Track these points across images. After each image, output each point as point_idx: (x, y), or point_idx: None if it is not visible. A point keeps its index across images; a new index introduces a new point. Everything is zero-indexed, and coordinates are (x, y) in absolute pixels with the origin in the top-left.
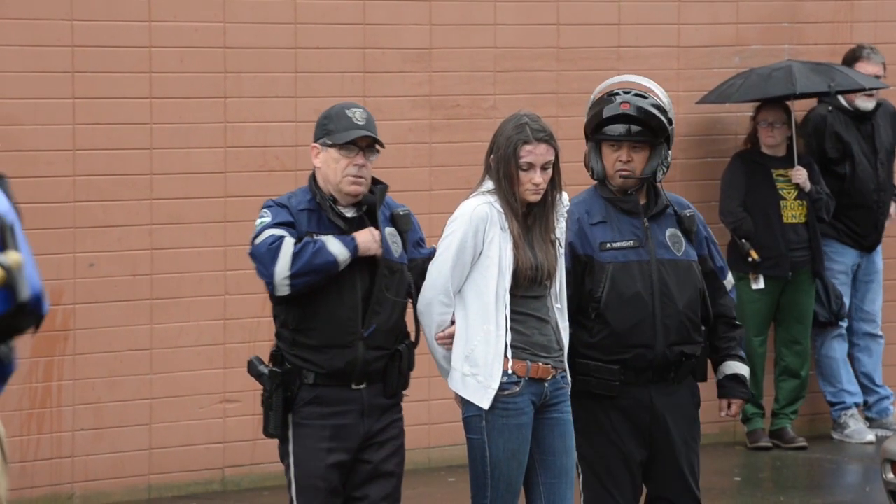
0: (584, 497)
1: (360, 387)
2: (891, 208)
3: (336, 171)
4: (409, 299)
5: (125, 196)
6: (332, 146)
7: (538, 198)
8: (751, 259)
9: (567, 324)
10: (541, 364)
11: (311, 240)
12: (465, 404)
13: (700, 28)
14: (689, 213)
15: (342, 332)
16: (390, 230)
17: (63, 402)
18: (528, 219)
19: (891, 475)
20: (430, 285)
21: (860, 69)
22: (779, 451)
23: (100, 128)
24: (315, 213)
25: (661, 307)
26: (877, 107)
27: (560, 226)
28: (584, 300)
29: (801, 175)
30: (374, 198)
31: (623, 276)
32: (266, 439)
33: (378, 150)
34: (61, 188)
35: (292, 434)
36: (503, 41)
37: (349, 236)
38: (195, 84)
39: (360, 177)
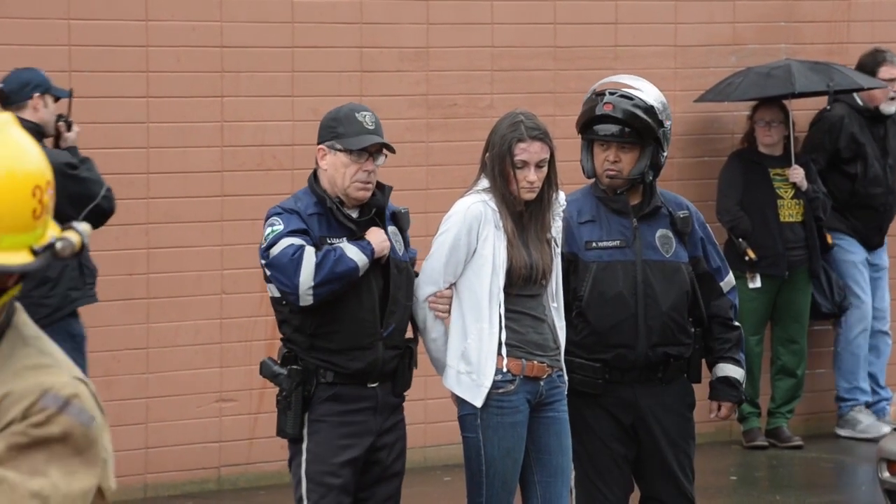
0: (575, 494)
1: (374, 385)
2: None
3: (345, 175)
4: None
5: (122, 195)
6: (341, 150)
7: (533, 196)
8: (748, 258)
9: (564, 322)
10: (536, 362)
11: (330, 248)
12: (460, 403)
13: (697, 27)
14: (684, 214)
15: (363, 333)
16: (392, 229)
17: None
18: (524, 217)
19: (887, 474)
20: (423, 282)
21: (884, 74)
22: (775, 450)
23: (97, 127)
24: (324, 217)
25: (644, 308)
26: None
27: (556, 225)
28: (569, 298)
29: (798, 174)
30: (381, 200)
31: (606, 275)
32: (262, 438)
33: (386, 155)
34: None
35: (307, 432)
36: (500, 40)
37: (363, 241)
38: (192, 83)
39: (368, 182)
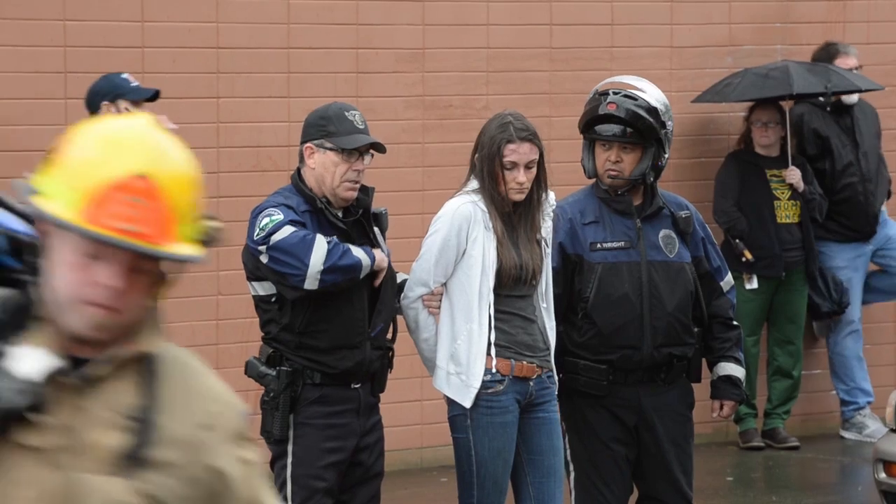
0: (574, 494)
1: (357, 386)
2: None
3: (335, 175)
4: None
5: None
6: (332, 149)
7: (522, 197)
8: (744, 259)
9: (554, 323)
10: (525, 363)
11: (336, 241)
12: (450, 403)
13: (692, 28)
14: (686, 214)
15: (352, 333)
16: (374, 229)
17: None
18: (514, 218)
19: (883, 475)
20: (413, 283)
21: (841, 65)
22: (771, 451)
23: None
24: (314, 216)
25: (649, 309)
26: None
27: (546, 225)
28: (574, 300)
29: (794, 175)
30: (368, 200)
31: (611, 276)
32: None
33: (372, 155)
34: None
35: (293, 434)
36: (496, 41)
37: (366, 247)
38: (188, 84)
39: (357, 182)
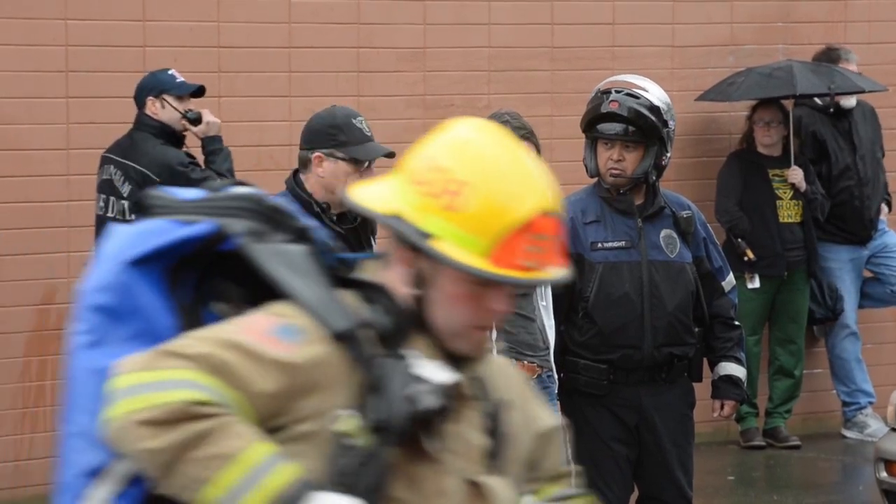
0: None
1: None
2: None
3: (346, 185)
4: None
5: None
6: (343, 159)
7: None
8: (746, 258)
9: (552, 322)
10: (526, 362)
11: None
12: None
13: (694, 28)
14: (687, 214)
15: None
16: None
17: (57, 401)
18: None
19: (884, 474)
20: None
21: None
22: (772, 450)
23: (94, 127)
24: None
25: (650, 308)
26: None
27: None
28: (575, 299)
29: (797, 175)
30: None
31: (612, 276)
32: None
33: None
34: (55, 187)
35: None
36: (497, 41)
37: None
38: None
39: None
